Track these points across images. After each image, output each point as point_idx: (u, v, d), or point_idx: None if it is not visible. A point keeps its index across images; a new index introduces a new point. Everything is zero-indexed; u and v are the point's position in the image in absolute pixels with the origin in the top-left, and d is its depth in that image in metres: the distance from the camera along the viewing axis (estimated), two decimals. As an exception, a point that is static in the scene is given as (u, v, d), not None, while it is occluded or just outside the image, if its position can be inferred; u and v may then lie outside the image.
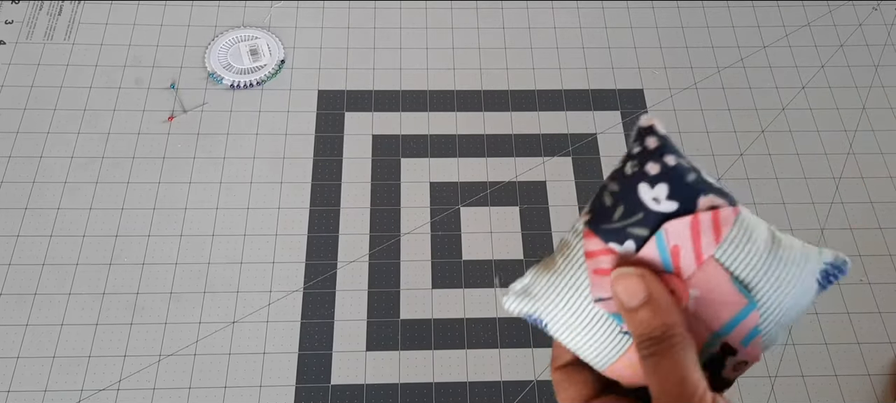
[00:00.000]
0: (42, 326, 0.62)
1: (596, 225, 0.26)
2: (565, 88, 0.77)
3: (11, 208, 0.67)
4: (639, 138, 0.27)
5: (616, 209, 0.26)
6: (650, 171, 0.26)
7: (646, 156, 0.26)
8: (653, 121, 0.26)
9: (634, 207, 0.25)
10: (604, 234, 0.26)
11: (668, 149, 0.26)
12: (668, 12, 0.84)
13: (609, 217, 0.26)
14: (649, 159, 0.26)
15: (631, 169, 0.26)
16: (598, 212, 0.26)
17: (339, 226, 0.68)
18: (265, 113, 0.74)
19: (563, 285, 0.27)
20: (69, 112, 0.73)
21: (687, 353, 0.24)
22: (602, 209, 0.26)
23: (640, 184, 0.26)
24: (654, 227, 0.25)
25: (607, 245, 0.26)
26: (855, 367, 0.63)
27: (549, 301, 0.27)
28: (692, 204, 0.25)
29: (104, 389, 0.59)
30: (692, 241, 0.25)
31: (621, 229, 0.26)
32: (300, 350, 0.62)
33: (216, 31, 0.79)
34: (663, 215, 0.25)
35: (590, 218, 0.26)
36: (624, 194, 0.26)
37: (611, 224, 0.26)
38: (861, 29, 0.83)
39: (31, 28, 0.79)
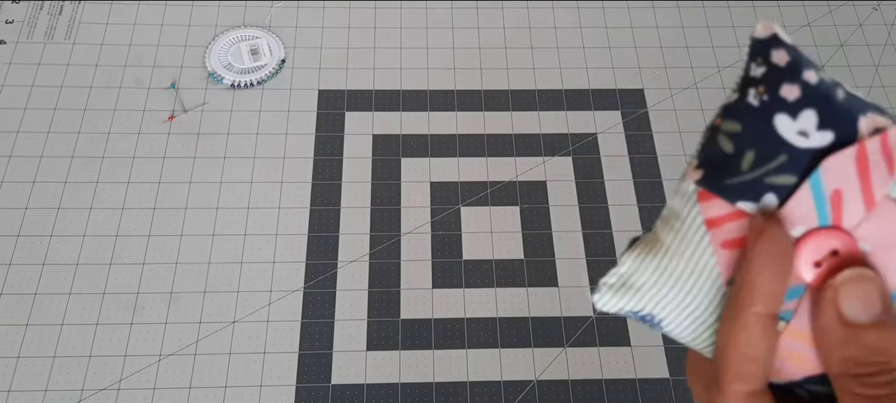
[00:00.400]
0: (42, 326, 0.62)
1: (715, 182, 0.20)
2: (566, 88, 0.77)
3: (11, 208, 0.67)
4: (759, 53, 0.20)
5: (743, 155, 0.19)
6: (788, 96, 0.19)
7: (776, 75, 0.20)
8: (774, 29, 0.20)
9: (773, 148, 0.19)
10: (729, 193, 0.19)
11: (803, 62, 0.20)
12: (669, 12, 0.84)
13: (735, 168, 0.19)
14: (783, 80, 0.20)
15: (757, 97, 0.20)
16: (715, 164, 0.20)
17: (340, 226, 0.68)
18: (265, 112, 0.74)
19: (678, 269, 0.20)
20: (69, 112, 0.73)
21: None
22: (721, 159, 0.20)
23: (777, 115, 0.19)
24: (806, 170, 0.19)
25: (736, 206, 0.19)
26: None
27: (660, 292, 0.21)
28: (852, 129, 0.19)
29: (104, 389, 0.59)
30: (859, 179, 0.19)
31: (755, 180, 0.19)
32: (300, 350, 0.62)
33: (216, 31, 0.79)
34: (817, 151, 0.19)
35: (703, 174, 0.20)
36: (753, 133, 0.19)
37: (738, 176, 0.19)
38: (861, 29, 0.83)
39: (32, 28, 0.79)
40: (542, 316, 0.64)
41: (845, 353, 0.18)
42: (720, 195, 0.20)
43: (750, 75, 0.20)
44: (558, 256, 0.67)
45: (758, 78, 0.20)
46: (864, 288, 0.18)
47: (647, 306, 0.21)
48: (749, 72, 0.20)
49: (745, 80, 0.20)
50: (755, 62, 0.20)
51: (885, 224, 0.19)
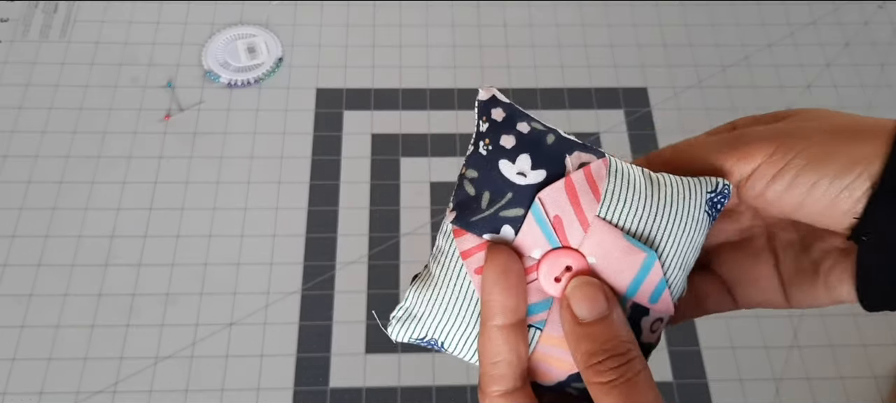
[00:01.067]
0: (37, 328, 0.61)
1: (464, 220, 0.24)
2: (567, 86, 0.77)
3: (6, 208, 0.67)
4: (483, 112, 0.24)
5: (482, 196, 0.24)
6: (506, 145, 0.24)
7: (496, 130, 0.24)
8: (492, 91, 0.24)
9: (501, 188, 0.23)
10: (475, 227, 0.24)
11: (517, 116, 0.24)
12: (672, 10, 0.83)
13: (477, 207, 0.24)
14: (501, 132, 0.24)
15: (485, 148, 0.24)
16: (464, 205, 0.24)
17: (338, 227, 0.67)
18: (263, 111, 0.73)
19: (446, 297, 0.24)
20: (65, 111, 0.72)
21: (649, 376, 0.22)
22: (467, 200, 0.24)
23: (500, 161, 0.24)
24: (528, 203, 0.23)
25: (482, 238, 0.24)
26: (860, 369, 0.62)
27: (436, 318, 0.25)
28: (560, 166, 0.24)
29: (100, 392, 0.59)
30: (572, 206, 0.23)
31: (493, 216, 0.23)
32: (298, 353, 0.61)
33: (213, 29, 0.78)
34: (534, 187, 0.23)
35: (456, 214, 0.24)
36: (485, 177, 0.24)
37: (480, 214, 0.24)
38: (867, 27, 0.82)
39: (27, 26, 0.78)
40: (543, 318, 0.63)
41: (582, 349, 0.22)
42: (469, 230, 0.24)
43: (479, 130, 0.24)
44: (560, 257, 0.66)
45: (484, 132, 0.24)
46: (588, 291, 0.23)
47: (429, 332, 0.25)
48: (478, 128, 0.24)
49: (477, 135, 0.24)
50: (481, 120, 0.24)
51: (601, 239, 0.23)
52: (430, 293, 0.25)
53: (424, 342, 0.25)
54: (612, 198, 0.23)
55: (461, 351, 0.25)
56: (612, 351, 0.22)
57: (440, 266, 0.25)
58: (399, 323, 0.25)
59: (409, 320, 0.25)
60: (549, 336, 0.24)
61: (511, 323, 0.23)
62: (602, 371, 0.22)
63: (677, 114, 0.75)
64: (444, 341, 0.25)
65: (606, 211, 0.23)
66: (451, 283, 0.24)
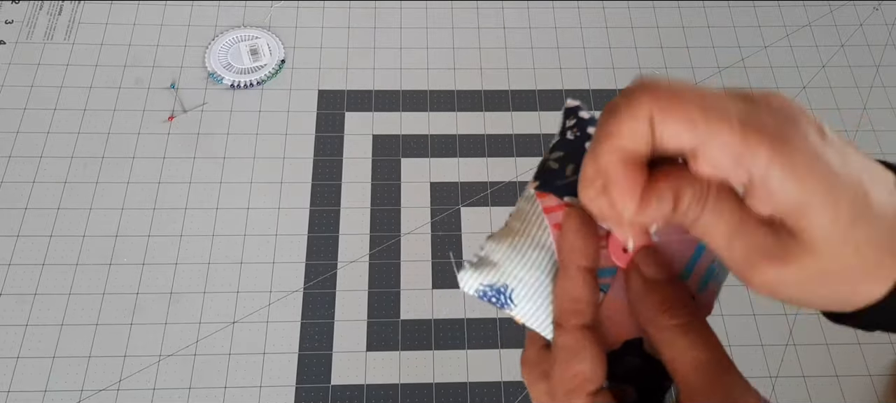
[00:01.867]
0: (42, 326, 0.62)
1: (548, 184, 0.26)
2: (566, 88, 0.77)
3: (11, 208, 0.67)
4: (570, 114, 0.28)
5: (566, 168, 0.26)
6: (592, 133, 0.26)
7: (583, 124, 0.27)
8: (578, 102, 0.28)
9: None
10: (558, 190, 0.26)
11: (596, 119, 0.27)
12: (669, 12, 0.83)
13: (561, 175, 0.26)
14: (588, 126, 0.27)
15: (573, 134, 0.27)
16: (547, 176, 0.27)
17: (340, 226, 0.68)
18: (265, 113, 0.74)
19: (525, 245, 0.26)
20: (69, 112, 0.73)
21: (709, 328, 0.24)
22: (551, 172, 0.27)
23: (586, 143, 0.27)
24: None
25: (563, 200, 0.26)
26: (856, 367, 0.63)
27: (512, 264, 0.26)
28: None
29: (104, 389, 0.59)
30: None
31: (575, 182, 0.25)
32: (300, 351, 0.62)
33: (216, 31, 0.79)
34: None
35: (539, 182, 0.27)
36: (572, 155, 0.27)
37: (564, 180, 0.26)
38: (862, 29, 0.83)
39: (32, 28, 0.79)
40: (542, 316, 0.64)
41: (653, 299, 0.24)
42: (552, 192, 0.26)
43: (566, 125, 0.28)
44: (558, 256, 0.67)
45: (572, 125, 0.28)
46: (655, 256, 0.25)
47: (502, 278, 0.27)
48: (565, 124, 0.28)
49: (563, 128, 0.28)
50: (568, 119, 0.28)
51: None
52: (509, 241, 0.27)
53: (492, 290, 0.26)
54: None
55: (528, 302, 0.27)
56: (681, 302, 0.24)
57: (522, 219, 0.27)
58: (473, 268, 0.27)
59: (484, 266, 0.27)
60: (613, 301, 0.26)
61: (590, 267, 0.25)
62: (676, 314, 0.24)
63: (675, 116, 0.76)
64: (513, 288, 0.26)
65: None
66: (531, 233, 0.26)
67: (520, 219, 0.27)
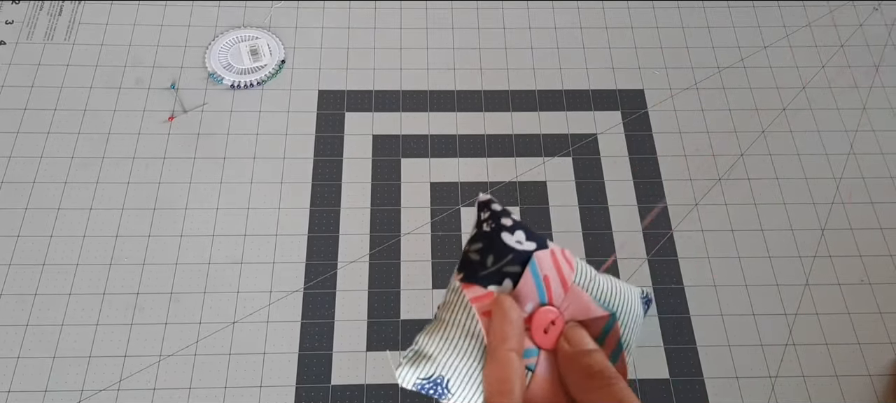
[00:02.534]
0: (42, 326, 0.62)
1: (472, 276, 0.29)
2: (566, 88, 0.77)
3: (11, 208, 0.67)
4: (483, 208, 0.31)
5: (486, 259, 0.29)
6: (506, 223, 0.30)
7: (497, 216, 0.30)
8: (489, 196, 0.32)
9: (502, 252, 0.29)
10: (481, 281, 0.29)
11: (508, 211, 0.31)
12: (669, 12, 0.84)
13: (483, 266, 0.29)
14: (501, 216, 0.30)
15: (488, 226, 0.30)
16: (470, 268, 0.29)
17: (340, 227, 0.68)
18: (265, 113, 0.74)
19: (456, 335, 0.29)
20: (69, 112, 0.73)
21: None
22: (473, 264, 0.29)
23: (502, 233, 0.30)
24: (524, 263, 0.29)
25: (487, 289, 0.29)
26: (856, 367, 0.63)
27: (445, 355, 0.29)
28: (544, 244, 0.30)
29: (104, 389, 0.59)
30: (557, 271, 0.29)
31: (496, 271, 0.29)
32: (300, 351, 0.62)
33: (216, 31, 0.79)
34: (529, 252, 0.29)
35: (463, 275, 0.29)
36: (489, 246, 0.29)
37: (485, 270, 0.29)
38: (862, 29, 0.83)
39: (32, 28, 0.79)
40: (542, 316, 0.64)
41: (579, 367, 0.28)
42: (476, 283, 0.29)
43: (480, 219, 0.31)
44: (558, 257, 0.67)
45: (486, 218, 0.31)
46: (576, 333, 0.29)
47: (437, 370, 0.29)
48: (479, 218, 0.31)
49: (478, 223, 0.31)
50: (482, 212, 0.31)
51: (576, 299, 0.29)
52: (440, 333, 0.29)
53: (430, 383, 0.29)
54: (581, 272, 0.30)
55: (462, 388, 0.29)
56: (605, 370, 0.27)
57: (450, 311, 0.29)
58: (410, 363, 0.29)
59: (419, 360, 0.29)
60: (540, 378, 0.29)
61: (518, 349, 0.28)
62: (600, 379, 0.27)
63: (674, 115, 0.76)
64: (449, 378, 0.29)
65: (579, 280, 0.30)
66: (460, 322, 0.29)
67: (448, 310, 0.29)
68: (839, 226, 0.70)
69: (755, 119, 0.76)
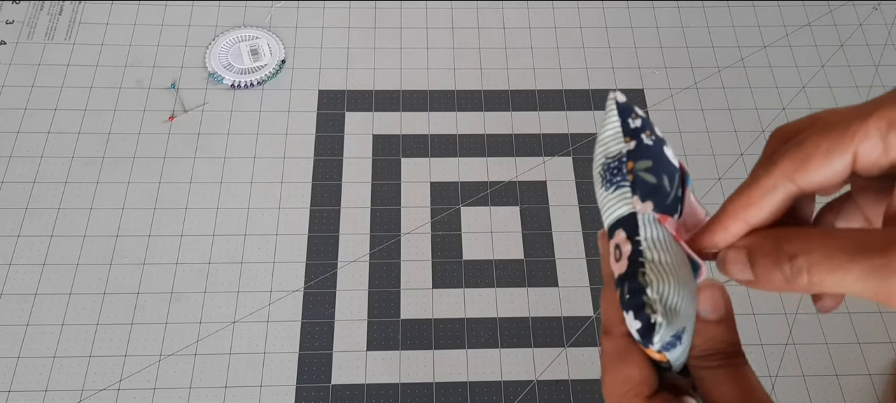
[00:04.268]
0: (42, 326, 0.62)
1: (661, 206, 0.25)
2: (566, 88, 0.77)
3: (12, 208, 0.67)
4: (628, 111, 0.26)
5: (662, 180, 0.25)
6: (660, 134, 0.26)
7: (648, 124, 0.26)
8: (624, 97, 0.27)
9: (672, 171, 0.25)
10: (670, 210, 0.25)
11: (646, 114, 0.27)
12: (669, 12, 0.84)
13: (666, 193, 0.25)
14: (653, 125, 0.26)
15: (649, 139, 0.26)
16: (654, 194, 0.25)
17: (340, 226, 0.68)
18: (266, 112, 0.74)
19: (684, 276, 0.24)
20: (70, 112, 0.73)
21: (750, 369, 0.25)
22: (654, 189, 0.25)
23: (664, 147, 0.26)
24: (682, 181, 0.26)
25: (675, 219, 0.25)
26: (856, 367, 0.63)
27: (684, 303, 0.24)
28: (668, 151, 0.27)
29: (104, 389, 0.59)
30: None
31: (675, 198, 0.25)
32: (300, 350, 0.62)
33: (217, 31, 0.79)
34: (680, 170, 0.26)
35: (653, 204, 0.25)
36: (659, 163, 0.25)
37: (670, 197, 0.25)
38: (861, 28, 0.83)
39: (32, 28, 0.79)
40: (542, 315, 0.64)
41: (697, 342, 0.25)
42: (668, 213, 0.25)
43: (632, 127, 0.26)
44: (558, 256, 0.67)
45: (640, 127, 0.26)
46: (712, 293, 0.25)
47: (681, 321, 0.24)
48: (629, 125, 0.26)
49: (632, 131, 0.26)
50: (631, 118, 0.26)
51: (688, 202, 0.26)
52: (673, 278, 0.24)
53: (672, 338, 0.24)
54: None
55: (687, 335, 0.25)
56: (722, 350, 0.25)
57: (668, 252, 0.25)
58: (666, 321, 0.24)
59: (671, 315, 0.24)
60: None
61: None
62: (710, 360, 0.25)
63: (674, 115, 0.76)
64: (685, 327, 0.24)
65: None
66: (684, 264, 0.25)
67: (666, 251, 0.25)
68: (839, 226, 0.70)
69: (755, 119, 0.76)
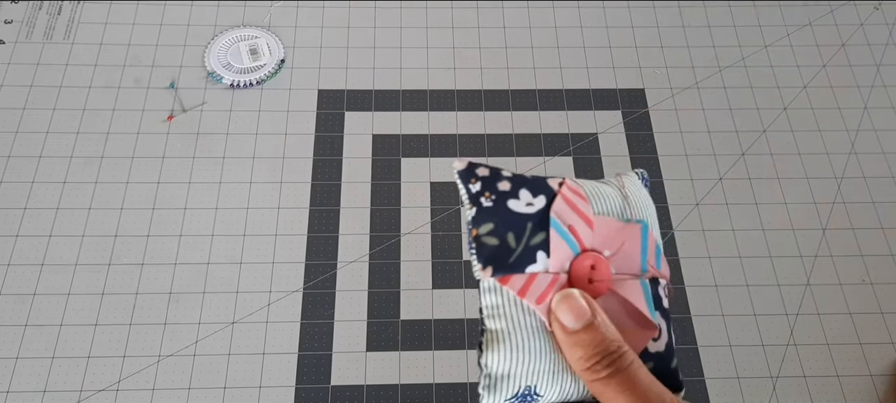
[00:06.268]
0: (41, 326, 0.62)
1: (503, 267, 0.26)
2: (566, 88, 0.77)
3: (10, 208, 0.67)
4: (468, 177, 0.27)
5: (506, 238, 0.26)
6: (505, 189, 0.26)
7: (489, 183, 0.27)
8: (466, 161, 0.28)
9: (520, 223, 0.26)
10: (516, 268, 0.26)
11: (497, 169, 0.27)
12: (670, 11, 0.83)
13: (509, 251, 0.26)
14: (495, 182, 0.27)
15: (488, 201, 0.27)
16: (494, 257, 0.26)
17: (339, 226, 0.68)
18: (265, 112, 0.74)
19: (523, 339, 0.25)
20: (68, 111, 0.73)
21: (641, 364, 0.24)
22: (495, 251, 0.26)
23: (508, 201, 0.26)
24: (546, 224, 0.26)
25: (526, 272, 0.26)
26: (857, 367, 0.62)
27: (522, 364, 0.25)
28: (549, 189, 0.27)
29: (103, 390, 0.59)
30: (575, 213, 0.26)
31: (524, 250, 0.26)
32: (300, 351, 0.62)
33: (216, 31, 0.79)
34: (543, 210, 0.26)
35: (493, 269, 0.26)
36: (502, 222, 0.26)
37: (514, 254, 0.26)
38: (862, 28, 0.83)
39: (31, 28, 0.78)
40: (542, 316, 0.64)
41: (576, 355, 0.24)
42: (512, 273, 0.25)
43: (472, 192, 0.27)
44: (559, 256, 0.67)
45: (479, 190, 0.26)
46: (570, 303, 0.24)
47: (520, 382, 0.25)
48: (469, 191, 0.27)
49: (471, 197, 0.26)
50: (470, 183, 0.27)
51: (605, 230, 0.26)
52: (503, 346, 0.25)
53: (518, 398, 0.26)
54: (593, 198, 0.27)
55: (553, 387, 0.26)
56: (603, 352, 0.24)
57: (502, 318, 0.25)
58: (488, 392, 0.25)
59: (497, 384, 0.25)
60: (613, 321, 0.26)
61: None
62: (598, 370, 0.24)
63: (675, 115, 0.76)
64: (536, 383, 0.25)
65: (597, 208, 0.27)
66: (521, 325, 0.25)
67: (501, 317, 0.25)
68: (840, 226, 0.70)
69: (756, 118, 0.76)
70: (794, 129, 0.75)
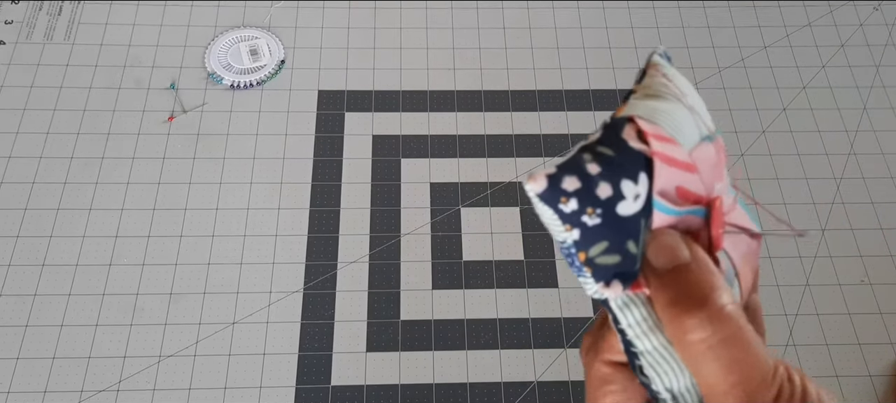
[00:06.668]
0: (42, 327, 0.62)
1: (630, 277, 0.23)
2: (566, 88, 0.77)
3: (11, 209, 0.67)
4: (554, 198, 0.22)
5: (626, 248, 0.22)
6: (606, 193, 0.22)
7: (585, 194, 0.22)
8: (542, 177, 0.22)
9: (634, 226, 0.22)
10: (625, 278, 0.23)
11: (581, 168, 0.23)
12: (669, 12, 0.83)
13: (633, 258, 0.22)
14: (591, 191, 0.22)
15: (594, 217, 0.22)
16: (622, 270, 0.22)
17: (339, 227, 0.68)
18: (265, 113, 0.74)
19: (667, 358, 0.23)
20: (69, 112, 0.73)
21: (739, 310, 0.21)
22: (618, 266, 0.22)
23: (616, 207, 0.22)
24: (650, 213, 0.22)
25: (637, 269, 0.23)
26: (856, 368, 0.63)
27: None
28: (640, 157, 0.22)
29: (104, 390, 0.59)
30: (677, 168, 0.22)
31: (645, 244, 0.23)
32: (300, 351, 0.62)
33: (216, 31, 0.79)
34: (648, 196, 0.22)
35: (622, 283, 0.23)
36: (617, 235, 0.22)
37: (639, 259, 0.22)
38: (862, 29, 0.83)
39: (31, 28, 0.79)
40: (542, 316, 0.64)
41: (661, 299, 0.21)
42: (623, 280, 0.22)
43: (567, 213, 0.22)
44: (558, 257, 0.67)
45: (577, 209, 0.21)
46: (664, 241, 0.21)
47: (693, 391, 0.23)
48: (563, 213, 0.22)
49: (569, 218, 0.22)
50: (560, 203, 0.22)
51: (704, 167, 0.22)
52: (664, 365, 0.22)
53: None
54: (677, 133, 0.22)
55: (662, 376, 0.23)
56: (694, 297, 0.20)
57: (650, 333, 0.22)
58: None
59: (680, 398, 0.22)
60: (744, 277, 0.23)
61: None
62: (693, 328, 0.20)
63: (675, 116, 0.76)
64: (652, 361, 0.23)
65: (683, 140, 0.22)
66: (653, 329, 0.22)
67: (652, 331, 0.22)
68: (840, 227, 0.70)
69: (755, 119, 0.76)
70: (794, 130, 0.75)
